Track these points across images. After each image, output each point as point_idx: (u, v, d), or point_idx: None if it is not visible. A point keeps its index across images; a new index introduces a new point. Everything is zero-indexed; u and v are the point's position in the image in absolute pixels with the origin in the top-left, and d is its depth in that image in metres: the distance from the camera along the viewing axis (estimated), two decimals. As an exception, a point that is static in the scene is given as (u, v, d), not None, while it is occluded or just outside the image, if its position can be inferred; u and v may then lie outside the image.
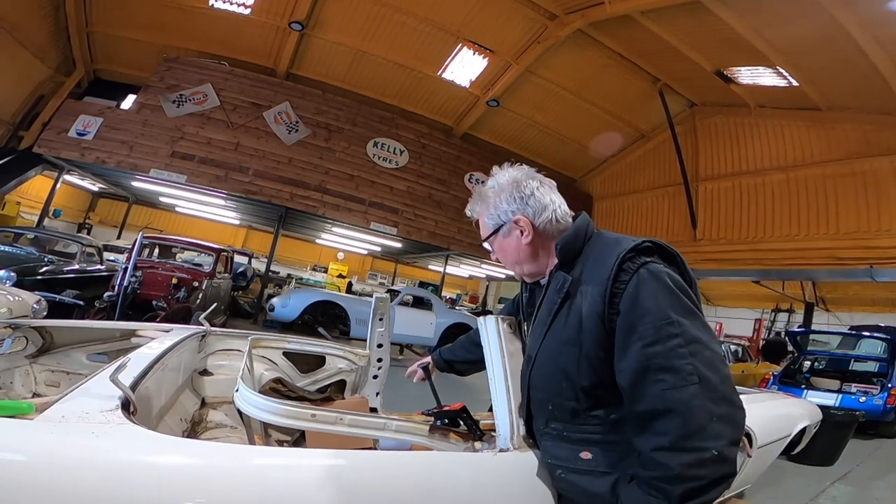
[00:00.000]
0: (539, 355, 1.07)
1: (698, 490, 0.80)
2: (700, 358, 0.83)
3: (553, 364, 1.03)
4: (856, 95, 8.77)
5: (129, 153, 8.75)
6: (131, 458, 0.84)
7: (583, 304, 0.97)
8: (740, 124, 11.00)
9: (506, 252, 1.17)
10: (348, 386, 2.70)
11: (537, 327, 1.10)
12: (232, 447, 0.97)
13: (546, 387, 1.06)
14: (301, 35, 9.77)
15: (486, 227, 1.18)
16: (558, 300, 1.03)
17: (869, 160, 9.17)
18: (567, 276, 1.03)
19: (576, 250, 1.05)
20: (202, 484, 0.86)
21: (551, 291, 1.07)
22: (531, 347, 1.12)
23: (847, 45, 7.23)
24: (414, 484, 1.06)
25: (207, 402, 2.24)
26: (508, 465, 1.19)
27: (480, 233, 1.21)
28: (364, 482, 1.01)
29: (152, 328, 2.19)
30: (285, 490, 0.92)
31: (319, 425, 1.13)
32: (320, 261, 18.40)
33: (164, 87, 9.29)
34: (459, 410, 1.26)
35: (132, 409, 0.97)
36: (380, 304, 2.54)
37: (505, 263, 1.20)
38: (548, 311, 1.06)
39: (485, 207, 1.17)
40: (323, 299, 8.70)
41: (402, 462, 1.11)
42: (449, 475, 1.13)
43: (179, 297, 5.66)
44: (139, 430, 0.89)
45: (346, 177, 10.27)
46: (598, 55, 10.09)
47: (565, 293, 1.02)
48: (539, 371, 1.08)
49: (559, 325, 1.02)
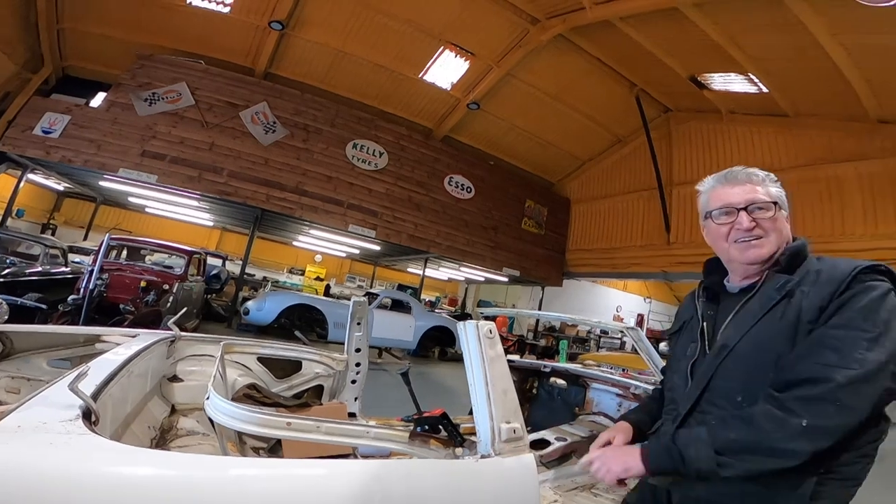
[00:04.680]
0: (741, 344, 1.08)
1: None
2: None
3: (763, 353, 1.04)
4: (823, 102, 9.11)
5: (97, 152, 8.43)
6: (92, 470, 0.79)
7: (803, 301, 1.01)
8: (713, 130, 11.33)
9: (777, 227, 1.14)
10: (326, 391, 2.65)
11: (741, 319, 1.11)
12: (201, 458, 0.93)
13: (744, 377, 1.06)
14: (281, 34, 9.61)
15: (773, 195, 1.16)
16: (777, 297, 1.06)
17: (833, 166, 9.52)
18: (791, 276, 1.07)
19: (799, 261, 1.11)
20: (170, 498, 0.81)
21: (769, 289, 1.09)
22: (728, 338, 1.11)
23: (816, 52, 7.45)
24: (395, 492, 1.04)
25: (177, 409, 2.16)
26: (490, 470, 1.17)
27: (755, 195, 1.15)
28: (343, 492, 0.97)
29: (118, 333, 2.10)
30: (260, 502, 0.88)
31: (295, 434, 1.09)
32: (297, 263, 18.11)
33: (135, 84, 8.99)
34: (440, 416, 1.24)
35: (93, 418, 0.92)
36: (358, 308, 2.51)
37: (765, 238, 1.13)
38: (761, 305, 1.08)
39: (768, 181, 1.19)
40: (300, 302, 8.57)
41: (382, 470, 1.08)
42: (430, 482, 1.10)
43: (149, 300, 5.49)
44: (101, 441, 0.84)
45: (324, 178, 10.14)
46: (578, 60, 10.25)
47: (786, 292, 1.05)
48: (738, 359, 1.08)
49: (774, 318, 1.05)
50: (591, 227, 14.10)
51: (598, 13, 8.57)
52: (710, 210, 1.22)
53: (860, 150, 9.13)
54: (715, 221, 1.20)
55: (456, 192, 11.98)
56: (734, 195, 1.17)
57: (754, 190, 1.16)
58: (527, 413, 3.48)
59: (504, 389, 1.22)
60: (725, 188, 1.20)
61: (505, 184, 13.11)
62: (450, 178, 11.92)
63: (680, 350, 1.27)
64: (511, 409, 1.23)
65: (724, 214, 1.18)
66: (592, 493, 2.40)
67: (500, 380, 1.22)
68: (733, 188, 1.18)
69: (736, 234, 1.15)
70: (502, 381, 1.22)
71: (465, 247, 11.97)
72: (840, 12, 6.66)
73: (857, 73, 7.78)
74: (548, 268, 13.89)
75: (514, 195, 13.24)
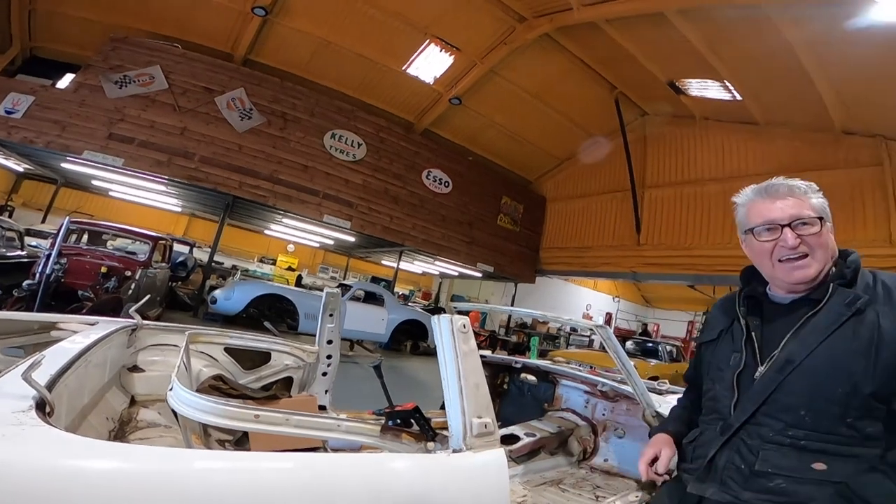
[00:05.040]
0: (809, 360, 1.06)
1: None
2: None
3: (835, 369, 1.03)
4: (792, 112, 9.46)
5: (62, 133, 8.06)
6: (47, 463, 0.75)
7: (882, 320, 1.02)
8: (686, 135, 11.64)
9: (824, 243, 1.12)
10: (296, 383, 2.61)
11: (807, 335, 1.09)
12: (163, 450, 0.89)
13: (810, 393, 1.05)
14: (264, 21, 9.34)
15: (817, 208, 1.14)
16: (847, 313, 1.05)
17: (797, 175, 9.79)
18: (859, 294, 1.07)
19: (854, 273, 1.11)
20: (130, 491, 0.78)
21: (837, 304, 1.08)
22: (793, 353, 1.09)
23: (791, 62, 7.70)
24: (365, 486, 1.02)
25: (138, 400, 2.09)
26: (462, 465, 1.17)
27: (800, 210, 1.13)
28: (312, 486, 0.96)
29: (76, 321, 2.01)
30: (225, 496, 0.85)
31: (264, 426, 1.07)
32: (268, 252, 17.73)
33: (106, 67, 8.61)
34: (412, 411, 1.24)
35: (48, 409, 0.87)
36: (330, 300, 2.48)
37: (811, 257, 1.12)
38: (830, 320, 1.07)
39: (810, 192, 1.17)
40: (270, 292, 8.40)
41: (353, 464, 1.07)
42: (401, 477, 1.09)
43: (109, 286, 5.27)
44: (56, 433, 0.80)
45: (301, 167, 9.94)
46: (561, 60, 10.35)
47: (856, 308, 1.05)
48: (804, 375, 1.06)
49: (845, 336, 1.04)
50: (565, 225, 14.33)
51: (585, 14, 8.68)
52: (751, 227, 1.19)
53: (823, 161, 9.54)
54: (758, 239, 1.17)
55: (434, 185, 11.95)
56: (776, 210, 1.14)
57: (798, 204, 1.13)
58: (497, 408, 3.52)
59: (476, 384, 1.23)
60: (766, 202, 1.17)
61: (482, 179, 13.16)
62: (428, 172, 11.88)
63: (721, 359, 1.24)
64: (483, 404, 1.23)
65: (768, 231, 1.15)
66: (560, 489, 2.44)
67: (473, 374, 1.23)
68: (774, 202, 1.15)
69: (780, 251, 1.13)
70: (475, 376, 1.23)
71: (440, 241, 11.98)
72: (819, 27, 6.91)
73: (828, 84, 8.11)
74: (521, 264, 14.05)
75: (491, 191, 13.31)
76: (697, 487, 1.16)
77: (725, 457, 1.13)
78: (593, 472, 2.74)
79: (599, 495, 2.37)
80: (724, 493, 1.10)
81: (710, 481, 1.14)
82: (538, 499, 2.26)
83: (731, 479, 1.10)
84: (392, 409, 1.25)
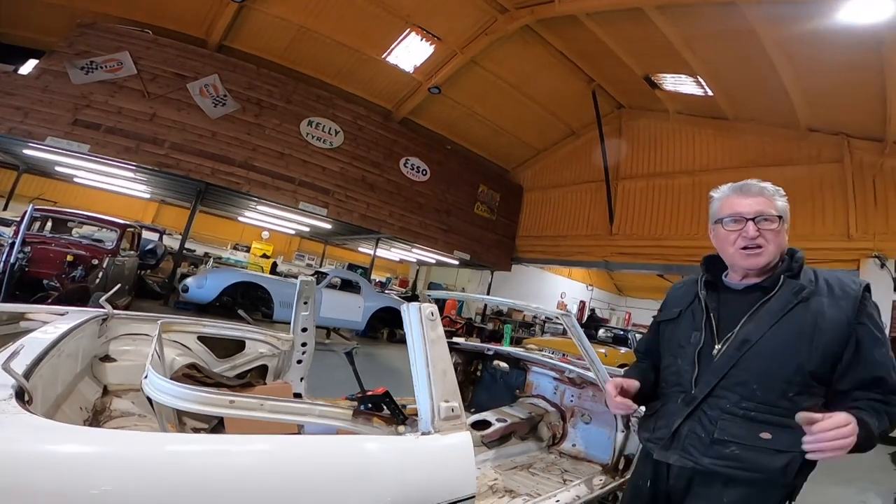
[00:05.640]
0: (764, 341, 1.19)
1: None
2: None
3: (784, 350, 1.17)
4: (760, 108, 9.78)
5: (24, 119, 7.73)
6: (30, 448, 0.79)
7: (825, 309, 1.18)
8: (660, 128, 11.91)
9: (778, 239, 1.26)
10: (270, 371, 2.64)
11: (763, 318, 1.22)
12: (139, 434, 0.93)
13: (762, 370, 1.18)
14: (240, 6, 9.05)
15: (779, 209, 1.27)
16: (795, 301, 1.20)
17: (762, 169, 10.27)
18: (804, 285, 1.22)
19: (800, 268, 1.27)
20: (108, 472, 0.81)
21: (786, 293, 1.23)
22: (749, 334, 1.22)
23: (762, 60, 7.95)
24: (339, 466, 1.08)
25: (110, 389, 2.09)
26: (430, 447, 1.25)
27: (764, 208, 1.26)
28: (287, 466, 1.00)
29: (44, 311, 1.99)
30: (204, 477, 0.89)
31: (239, 412, 1.11)
32: (242, 240, 17.40)
33: (72, 53, 8.24)
34: (382, 395, 1.30)
35: (27, 398, 0.90)
36: (305, 287, 2.51)
37: (765, 248, 1.25)
38: (780, 306, 1.21)
39: (777, 195, 1.29)
40: (244, 280, 8.28)
41: (328, 446, 1.13)
42: (374, 458, 1.15)
43: (76, 276, 5.13)
44: (36, 420, 0.83)
45: (276, 154, 9.77)
46: (541, 52, 10.40)
47: (802, 297, 1.20)
48: (758, 353, 1.19)
49: (793, 320, 1.19)
50: (541, 214, 14.54)
51: (566, 7, 8.77)
52: (721, 217, 1.32)
53: (789, 156, 9.96)
54: (725, 228, 1.30)
55: (411, 174, 11.93)
56: (745, 206, 1.27)
57: (764, 203, 1.27)
58: (471, 394, 3.62)
59: (444, 370, 1.30)
60: (739, 198, 1.30)
61: (460, 168, 13.20)
62: (406, 160, 11.84)
63: (682, 337, 1.36)
64: (450, 389, 1.31)
65: (734, 222, 1.28)
66: (530, 472, 2.55)
67: (441, 361, 1.30)
68: (746, 199, 1.28)
69: (741, 241, 1.26)
70: (442, 362, 1.30)
71: (417, 228, 12.00)
72: (789, 26, 7.14)
73: (795, 82, 8.42)
74: (498, 252, 14.21)
75: (468, 180, 13.37)
76: (662, 455, 1.28)
77: (688, 426, 1.25)
78: (562, 456, 2.85)
79: (567, 479, 2.48)
80: (686, 459, 1.23)
81: (673, 449, 1.26)
82: (509, 482, 2.36)
83: (693, 447, 1.23)
84: (364, 394, 1.31)
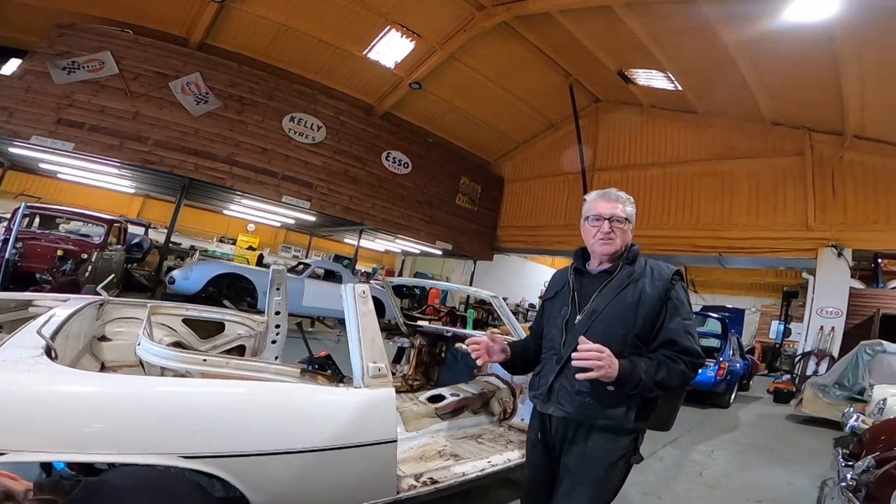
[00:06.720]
0: (606, 311, 1.54)
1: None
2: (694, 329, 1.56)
3: (618, 317, 1.52)
4: (727, 103, 10.19)
5: (9, 119, 7.88)
6: (61, 388, 1.15)
7: (646, 288, 1.54)
8: (634, 122, 12.31)
9: (624, 235, 1.62)
10: (248, 350, 2.99)
11: (605, 294, 1.57)
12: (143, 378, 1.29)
13: (604, 332, 1.49)
14: (221, 5, 9.18)
15: (628, 213, 1.63)
16: (627, 281, 1.56)
17: (728, 162, 10.74)
18: (634, 269, 1.59)
19: (636, 258, 1.64)
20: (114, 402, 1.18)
21: (622, 275, 1.59)
22: (596, 306, 1.57)
23: (724, 56, 8.35)
24: (295, 407, 1.46)
25: (107, 365, 2.43)
26: (360, 398, 1.63)
27: (616, 211, 1.61)
28: (259, 404, 1.38)
29: (49, 298, 2.32)
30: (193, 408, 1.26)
31: (209, 368, 1.47)
32: (228, 232, 17.53)
33: (53, 53, 8.35)
34: (325, 357, 1.67)
35: (53, 354, 1.25)
36: (277, 275, 2.86)
37: (614, 240, 1.60)
38: (617, 285, 1.57)
39: (628, 203, 1.66)
40: (229, 272, 8.55)
41: (288, 392, 1.50)
42: (319, 404, 1.54)
43: (66, 269, 5.39)
44: (63, 368, 1.19)
45: (259, 150, 9.99)
46: (518, 47, 10.70)
47: (633, 279, 1.57)
48: (601, 320, 1.54)
49: (626, 294, 1.54)
50: (522, 205, 14.92)
51: (539, 5, 9.07)
52: (588, 215, 1.67)
53: (753, 150, 10.40)
54: (589, 224, 1.66)
55: (393, 167, 12.21)
56: (605, 209, 1.63)
57: (618, 207, 1.63)
58: (437, 374, 4.00)
59: (372, 337, 1.67)
60: (602, 202, 1.65)
61: (442, 161, 13.50)
62: (388, 154, 12.11)
63: (556, 311, 1.69)
64: (377, 353, 1.68)
65: (596, 220, 1.63)
66: (478, 442, 2.90)
67: (369, 329, 1.67)
68: (606, 203, 1.64)
69: (600, 234, 1.62)
70: (371, 331, 1.67)
71: (399, 220, 12.32)
72: (748, 24, 7.53)
73: (757, 78, 8.85)
74: (480, 242, 14.60)
75: (450, 172, 13.69)
76: (543, 407, 1.64)
77: (559, 382, 1.57)
78: (511, 430, 3.18)
79: (510, 448, 2.84)
80: (559, 410, 1.59)
81: (551, 402, 1.61)
82: (456, 448, 2.71)
83: (564, 399, 1.57)
84: (311, 357, 1.68)
